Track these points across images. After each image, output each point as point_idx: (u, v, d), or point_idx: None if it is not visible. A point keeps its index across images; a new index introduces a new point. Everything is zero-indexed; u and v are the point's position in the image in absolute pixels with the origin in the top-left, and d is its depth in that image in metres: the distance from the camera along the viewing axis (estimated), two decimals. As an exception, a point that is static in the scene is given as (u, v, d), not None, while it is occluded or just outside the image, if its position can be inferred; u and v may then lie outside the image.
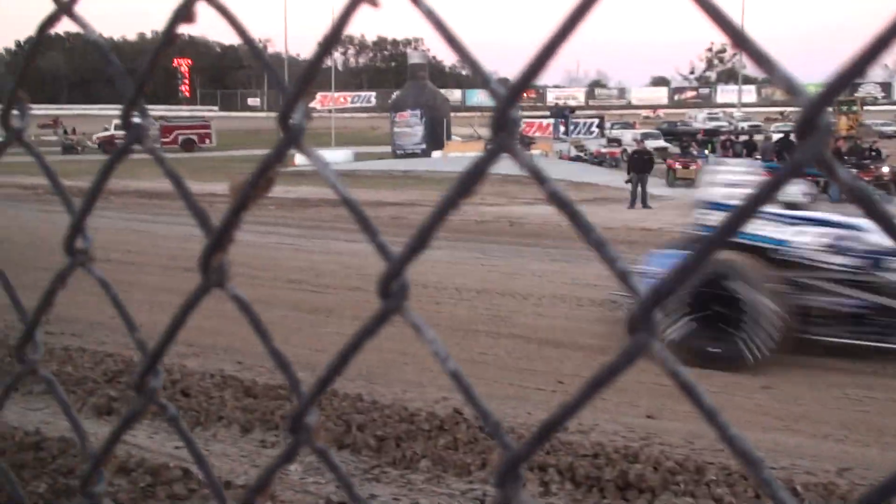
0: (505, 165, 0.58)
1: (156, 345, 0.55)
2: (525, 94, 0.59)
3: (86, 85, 76.18)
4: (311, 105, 0.58)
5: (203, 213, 0.54)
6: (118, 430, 0.59)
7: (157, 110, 56.20)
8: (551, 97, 79.39)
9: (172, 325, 0.56)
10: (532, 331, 7.78)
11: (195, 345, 6.68)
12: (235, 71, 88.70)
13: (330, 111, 51.30)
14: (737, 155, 27.40)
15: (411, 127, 40.55)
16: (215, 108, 78.98)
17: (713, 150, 30.85)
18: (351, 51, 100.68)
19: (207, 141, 47.97)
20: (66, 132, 52.64)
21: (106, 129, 45.76)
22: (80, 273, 0.61)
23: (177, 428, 0.60)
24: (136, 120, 0.53)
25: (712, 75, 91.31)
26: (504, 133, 0.52)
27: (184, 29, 0.58)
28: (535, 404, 5.59)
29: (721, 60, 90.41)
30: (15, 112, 0.69)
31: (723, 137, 33.55)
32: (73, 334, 7.24)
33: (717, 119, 52.76)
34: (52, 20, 0.64)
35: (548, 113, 51.57)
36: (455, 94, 70.81)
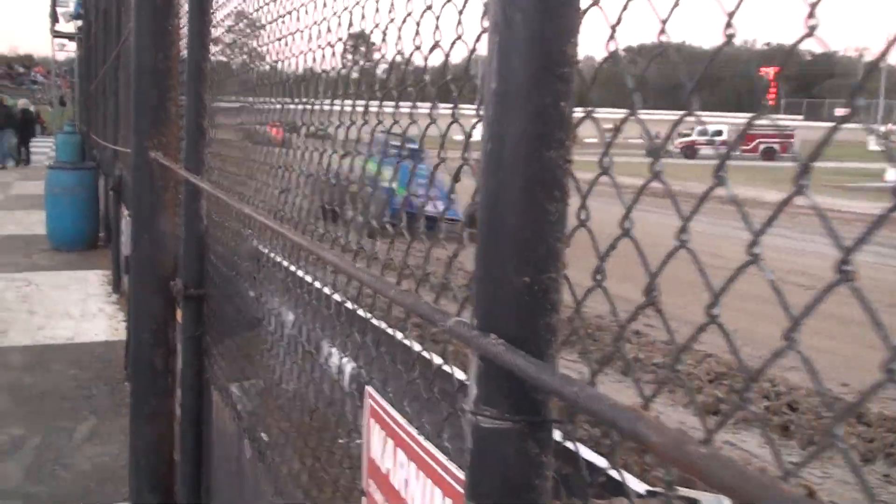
0: None
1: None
2: None
3: (673, 92, 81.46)
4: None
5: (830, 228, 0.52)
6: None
7: (739, 118, 56.83)
8: None
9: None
10: None
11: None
12: (825, 80, 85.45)
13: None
14: None
15: None
16: (800, 117, 77.35)
17: None
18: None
19: (789, 151, 47.74)
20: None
21: (686, 135, 46.55)
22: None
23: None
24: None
25: None
26: None
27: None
28: None
29: None
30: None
31: None
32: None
33: None
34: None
35: None
36: None
